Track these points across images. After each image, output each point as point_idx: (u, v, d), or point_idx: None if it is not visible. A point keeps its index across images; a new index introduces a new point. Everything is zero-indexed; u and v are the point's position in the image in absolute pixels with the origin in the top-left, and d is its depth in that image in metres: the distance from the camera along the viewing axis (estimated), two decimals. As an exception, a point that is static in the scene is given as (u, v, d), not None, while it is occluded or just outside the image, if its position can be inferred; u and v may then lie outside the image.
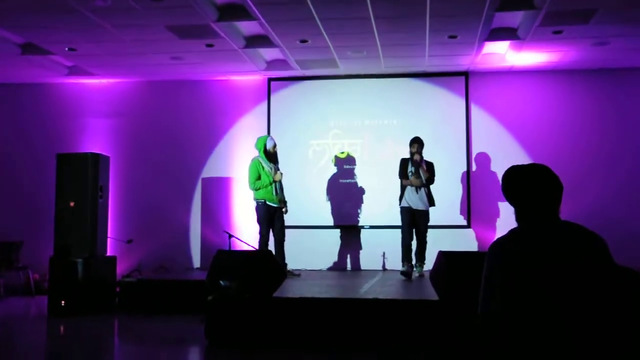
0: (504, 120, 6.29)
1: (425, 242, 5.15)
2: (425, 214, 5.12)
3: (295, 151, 6.44)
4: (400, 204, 5.12)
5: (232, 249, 5.48)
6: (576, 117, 6.15)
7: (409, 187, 5.07)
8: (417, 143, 5.18)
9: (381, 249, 6.21)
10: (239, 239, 5.75)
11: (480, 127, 6.32)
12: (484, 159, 6.27)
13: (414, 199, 5.06)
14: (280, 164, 5.51)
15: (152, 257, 6.37)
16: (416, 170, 5.06)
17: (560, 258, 1.75)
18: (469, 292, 3.19)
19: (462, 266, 3.49)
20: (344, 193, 6.36)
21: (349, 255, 6.34)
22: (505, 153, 6.17)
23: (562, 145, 6.18)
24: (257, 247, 5.26)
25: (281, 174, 5.19)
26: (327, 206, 6.36)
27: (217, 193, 6.55)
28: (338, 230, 6.39)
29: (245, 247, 5.71)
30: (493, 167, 6.22)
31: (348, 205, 6.34)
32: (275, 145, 5.22)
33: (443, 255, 3.65)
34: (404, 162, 5.18)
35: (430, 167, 5.22)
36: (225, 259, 4.13)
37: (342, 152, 6.43)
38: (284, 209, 5.26)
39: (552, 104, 6.28)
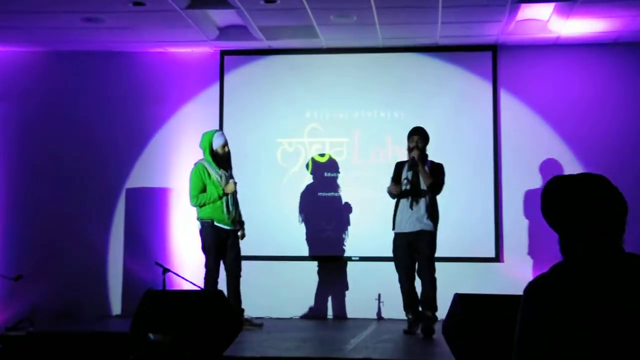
0: (544, 111, 6.42)
1: (433, 280, 5.11)
2: (426, 237, 5.11)
3: (257, 153, 6.54)
4: (393, 229, 5.20)
5: (167, 288, 5.44)
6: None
7: (401, 203, 5.10)
8: (417, 135, 5.23)
9: (376, 289, 6.28)
10: (177, 274, 5.73)
11: (512, 119, 6.44)
12: (517, 164, 6.39)
13: (407, 217, 5.08)
14: (235, 170, 5.57)
15: (51, 300, 6.43)
16: (414, 173, 5.10)
17: (627, 307, 1.75)
18: (495, 351, 3.28)
19: (487, 315, 3.57)
20: (325, 211, 6.46)
21: (330, 298, 6.45)
22: (547, 155, 6.32)
23: (628, 147, 6.31)
24: (202, 285, 5.32)
25: (235, 183, 5.22)
26: (301, 229, 6.45)
27: (146, 210, 6.65)
28: (315, 264, 6.48)
29: (186, 286, 5.77)
30: (530, 176, 6.33)
31: (330, 228, 6.43)
32: (226, 144, 5.27)
33: (461, 300, 3.74)
34: (398, 167, 5.28)
35: (436, 170, 5.23)
36: (157, 302, 4.19)
37: (322, 155, 6.53)
38: (239, 233, 5.31)
39: (612, 88, 6.37)
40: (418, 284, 5.29)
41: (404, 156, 5.60)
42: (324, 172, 6.53)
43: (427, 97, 6.46)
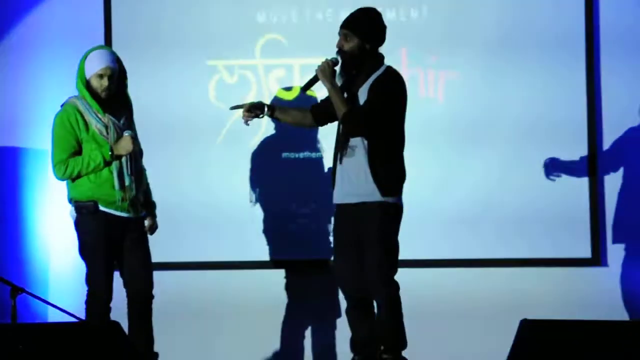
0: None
1: (387, 293, 4.19)
2: (371, 214, 4.19)
3: (175, 87, 5.44)
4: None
5: (19, 320, 4.35)
6: None
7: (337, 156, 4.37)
8: (343, 24, 4.28)
9: None
10: (37, 297, 4.48)
11: (617, 24, 5.40)
12: (626, 104, 5.40)
13: (338, 179, 4.30)
14: (137, 115, 4.69)
15: None
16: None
17: None
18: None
19: (566, 347, 3.39)
20: (295, 184, 5.40)
21: (309, 333, 5.43)
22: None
23: None
24: (82, 314, 4.48)
25: (133, 138, 4.43)
26: (256, 216, 5.38)
27: None
28: (281, 274, 5.35)
29: (56, 316, 4.78)
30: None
31: (304, 212, 5.37)
32: (110, 71, 4.43)
33: (530, 329, 3.48)
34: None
35: (379, 85, 4.24)
36: (3, 344, 3.60)
37: (289, 89, 5.41)
38: (146, 223, 4.55)
39: None
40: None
41: (424, 82, 5.19)
42: (292, 119, 5.40)
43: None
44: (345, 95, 4.21)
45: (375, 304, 4.21)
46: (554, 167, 5.31)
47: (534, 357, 3.44)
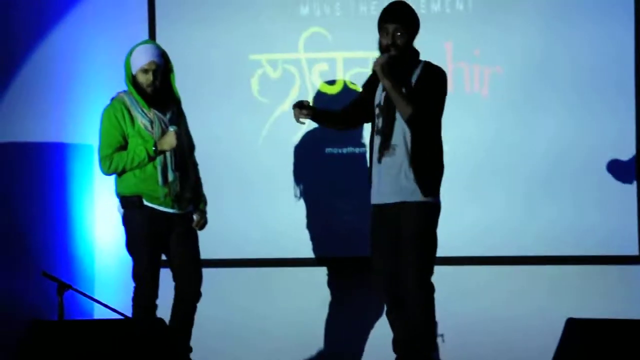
0: None
1: (422, 294, 4.15)
2: (410, 214, 4.16)
3: (217, 81, 5.43)
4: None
5: (66, 317, 4.42)
6: None
7: (374, 154, 4.28)
8: (394, 19, 4.17)
9: None
10: (82, 293, 4.54)
11: None
12: None
13: (377, 178, 4.24)
14: (185, 109, 4.70)
15: None
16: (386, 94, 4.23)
17: None
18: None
19: (615, 347, 3.37)
20: (339, 180, 5.36)
21: (353, 330, 5.43)
22: None
23: None
24: (128, 311, 4.51)
25: (177, 133, 4.42)
26: (299, 213, 5.37)
27: (23, 183, 5.52)
28: (324, 271, 5.35)
29: (103, 313, 4.78)
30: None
31: (349, 209, 5.30)
32: (155, 66, 4.45)
33: (576, 328, 3.50)
34: (372, 80, 4.35)
35: (426, 83, 4.18)
36: (50, 341, 3.70)
37: (332, 82, 5.35)
38: (195, 218, 4.54)
39: None
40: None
41: (469, 76, 5.14)
42: (337, 112, 5.35)
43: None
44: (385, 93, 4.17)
45: (409, 302, 4.21)
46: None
47: (580, 357, 3.41)
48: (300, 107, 4.22)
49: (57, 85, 5.56)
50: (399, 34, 4.03)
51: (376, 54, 4.66)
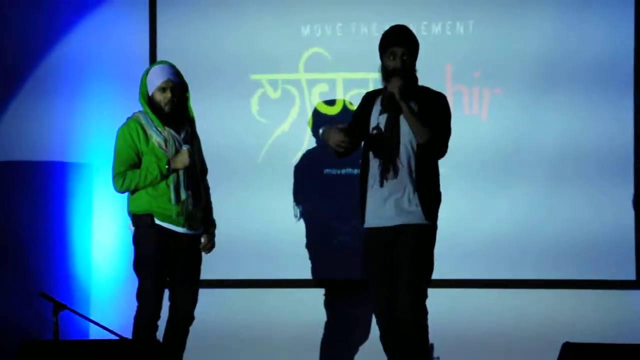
0: None
1: (417, 314, 4.16)
2: (411, 235, 4.16)
3: (217, 101, 5.41)
4: (362, 222, 4.36)
5: (61, 338, 4.45)
6: None
7: (370, 175, 4.21)
8: (401, 43, 4.15)
9: (431, 338, 4.58)
10: (78, 314, 4.58)
11: None
12: None
13: (377, 202, 4.18)
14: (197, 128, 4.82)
15: None
16: (392, 118, 4.13)
17: None
18: None
19: None
20: (338, 201, 5.35)
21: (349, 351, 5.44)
22: None
23: None
24: (123, 331, 4.53)
25: (190, 152, 4.47)
26: (297, 234, 5.36)
27: (21, 201, 5.49)
28: (321, 293, 5.34)
29: (98, 333, 4.83)
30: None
31: (346, 229, 5.31)
32: (171, 85, 4.48)
33: (573, 352, 3.48)
34: (365, 103, 4.32)
35: (437, 109, 4.21)
36: None
37: (332, 103, 5.38)
38: (203, 241, 4.57)
39: None
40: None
41: (468, 99, 5.13)
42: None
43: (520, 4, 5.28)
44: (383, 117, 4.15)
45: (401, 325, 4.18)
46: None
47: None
48: (337, 134, 4.13)
49: (57, 104, 5.57)
50: (406, 57, 4.06)
51: (370, 74, 4.87)
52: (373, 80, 5.05)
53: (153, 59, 5.25)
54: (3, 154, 5.68)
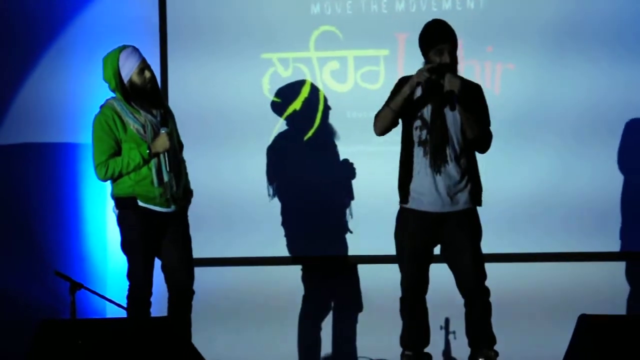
0: None
1: (486, 293, 4.25)
2: (466, 220, 4.25)
3: (226, 80, 5.42)
4: (401, 203, 4.33)
5: (78, 316, 4.48)
6: None
7: (415, 159, 4.22)
8: (447, 39, 4.15)
9: (441, 312, 4.97)
10: (97, 294, 4.64)
11: None
12: None
13: (429, 187, 4.22)
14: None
15: None
16: (436, 109, 4.17)
17: None
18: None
19: (628, 345, 3.34)
20: (352, 176, 5.33)
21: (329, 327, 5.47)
22: None
23: None
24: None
25: (168, 134, 4.45)
26: (308, 213, 5.34)
27: (35, 183, 5.50)
28: (298, 268, 5.43)
29: (115, 311, 4.89)
30: None
31: (339, 202, 5.34)
32: (145, 67, 4.48)
33: (588, 324, 3.47)
34: (400, 84, 4.28)
35: (479, 103, 4.24)
36: (62, 340, 3.67)
37: (342, 81, 5.36)
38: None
39: None
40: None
41: (480, 74, 5.04)
42: (346, 111, 5.32)
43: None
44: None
45: (465, 303, 4.29)
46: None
47: (592, 353, 3.41)
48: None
49: (71, 86, 5.57)
50: (453, 52, 4.13)
51: (382, 52, 5.11)
52: (384, 57, 5.20)
53: (164, 41, 5.28)
54: (17, 136, 5.68)
